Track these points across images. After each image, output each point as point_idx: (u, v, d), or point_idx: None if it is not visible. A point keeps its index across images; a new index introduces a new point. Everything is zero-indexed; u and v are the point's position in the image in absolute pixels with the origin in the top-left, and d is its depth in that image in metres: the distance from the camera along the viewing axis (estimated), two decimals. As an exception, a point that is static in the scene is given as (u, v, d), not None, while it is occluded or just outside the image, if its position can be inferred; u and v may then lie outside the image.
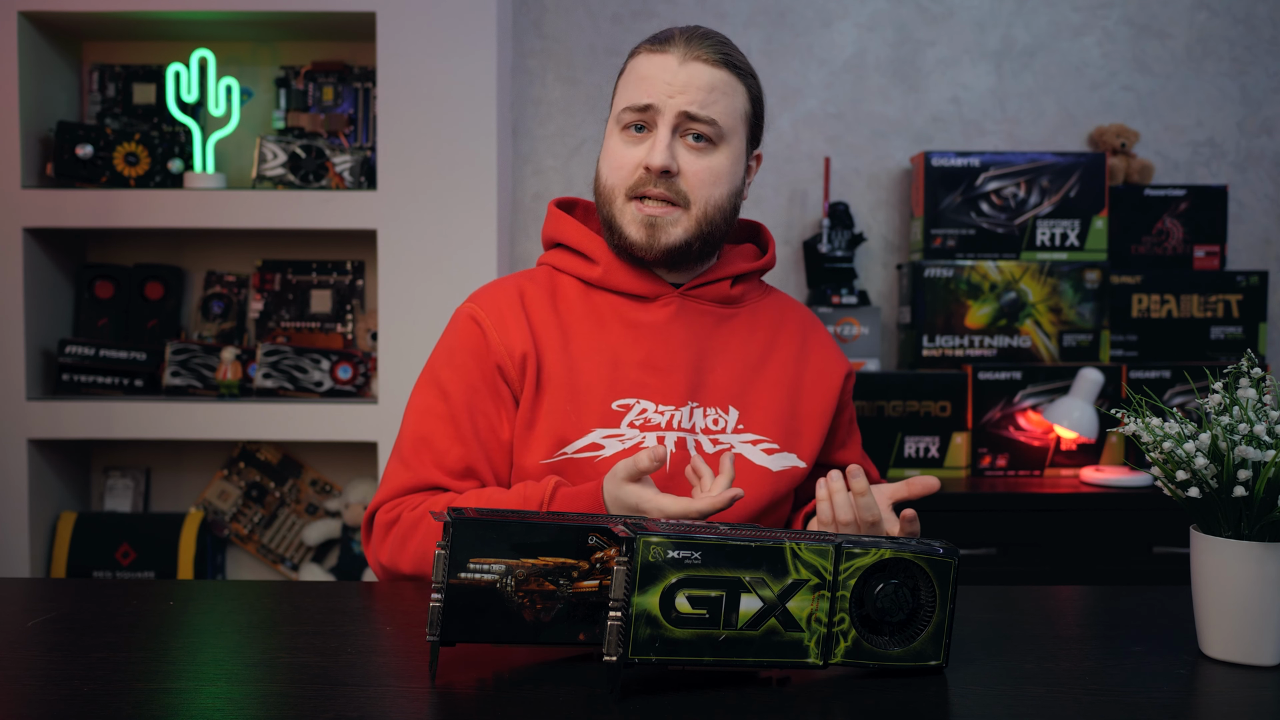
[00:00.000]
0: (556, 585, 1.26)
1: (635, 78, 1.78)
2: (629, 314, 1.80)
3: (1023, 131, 3.61)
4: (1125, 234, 3.43)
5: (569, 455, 1.72)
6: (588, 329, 1.79)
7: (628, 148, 1.77)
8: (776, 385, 1.83)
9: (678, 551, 1.18)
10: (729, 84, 1.77)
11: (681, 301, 1.82)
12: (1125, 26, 3.60)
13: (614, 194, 1.78)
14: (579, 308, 1.81)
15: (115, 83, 3.45)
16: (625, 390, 1.75)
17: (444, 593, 1.23)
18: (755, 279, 1.91)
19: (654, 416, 1.74)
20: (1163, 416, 1.36)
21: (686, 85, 1.74)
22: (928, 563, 1.27)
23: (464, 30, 3.14)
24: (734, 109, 1.79)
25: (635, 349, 1.78)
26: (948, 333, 3.30)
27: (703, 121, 1.74)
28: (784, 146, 3.60)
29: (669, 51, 1.76)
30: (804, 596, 1.23)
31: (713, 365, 1.80)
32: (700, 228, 1.77)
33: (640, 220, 1.75)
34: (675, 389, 1.76)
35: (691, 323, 1.81)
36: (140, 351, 3.31)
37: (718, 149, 1.77)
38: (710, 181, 1.76)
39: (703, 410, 1.77)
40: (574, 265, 1.85)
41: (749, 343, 1.84)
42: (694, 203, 1.75)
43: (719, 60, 1.76)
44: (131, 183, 3.27)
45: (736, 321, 1.85)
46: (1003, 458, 3.25)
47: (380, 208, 3.17)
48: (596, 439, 1.73)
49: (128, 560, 3.31)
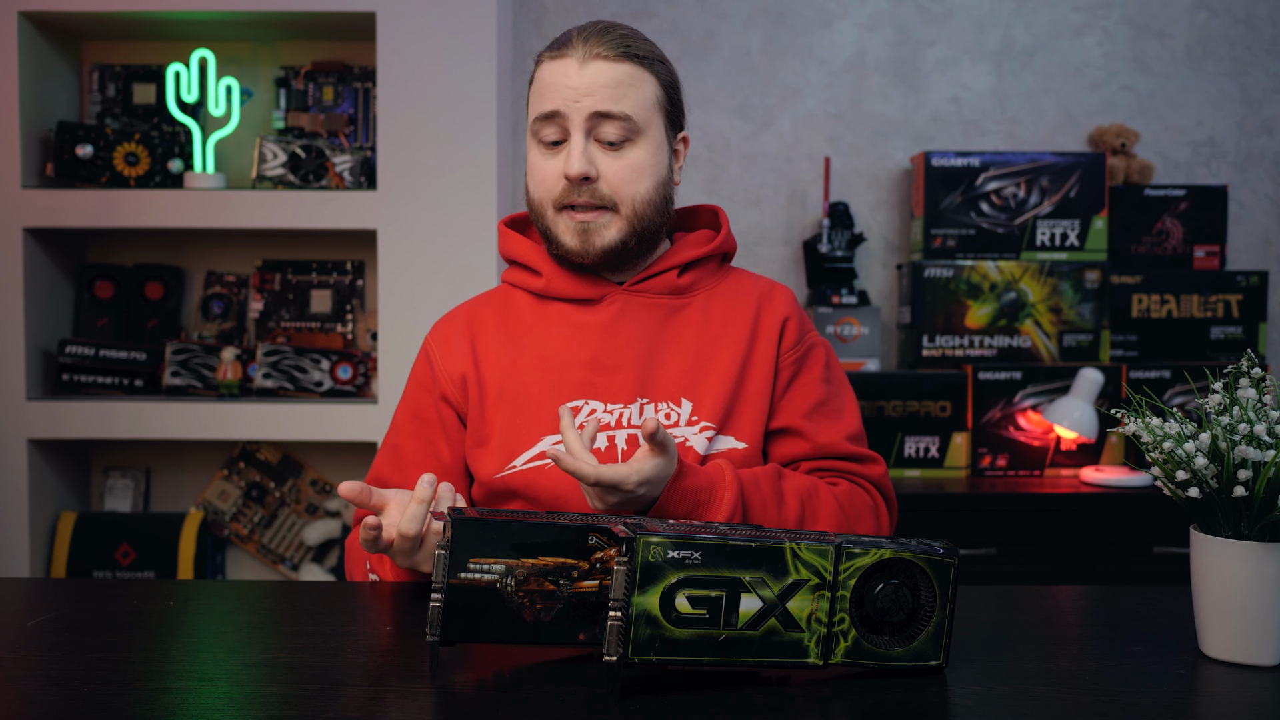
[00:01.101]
0: (556, 585, 1.26)
1: (540, 86, 1.76)
2: (575, 318, 1.80)
3: (1023, 131, 3.61)
4: (1125, 234, 3.43)
5: (518, 468, 1.73)
6: (536, 340, 1.80)
7: (546, 160, 1.76)
8: (727, 369, 1.78)
9: (678, 551, 1.18)
10: (635, 75, 1.74)
11: (626, 298, 1.80)
12: (1125, 26, 3.60)
13: (543, 207, 1.77)
14: (529, 320, 1.83)
15: (115, 83, 3.45)
16: (572, 393, 1.75)
17: (444, 592, 1.23)
18: (708, 264, 1.87)
19: (604, 416, 1.74)
20: (1163, 416, 1.36)
21: (591, 86, 1.71)
22: (928, 563, 1.27)
23: (464, 30, 3.14)
24: (644, 100, 1.75)
25: (581, 350, 1.77)
26: (948, 333, 3.30)
27: (615, 118, 1.72)
28: (784, 147, 3.60)
29: (568, 55, 1.73)
30: (804, 596, 1.23)
31: (663, 360, 1.78)
32: (632, 225, 1.76)
33: (573, 229, 1.75)
34: (624, 387, 1.75)
35: (638, 318, 1.80)
36: (140, 351, 3.31)
37: (635, 144, 1.74)
38: (633, 179, 1.74)
39: (654, 406, 1.75)
40: (523, 279, 1.86)
41: (703, 332, 1.81)
42: (621, 202, 1.74)
43: (621, 54, 1.73)
44: (131, 183, 3.27)
45: (688, 312, 1.82)
46: (1003, 458, 3.25)
47: (380, 208, 3.17)
48: (546, 445, 1.73)
49: (128, 560, 3.31)
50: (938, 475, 3.23)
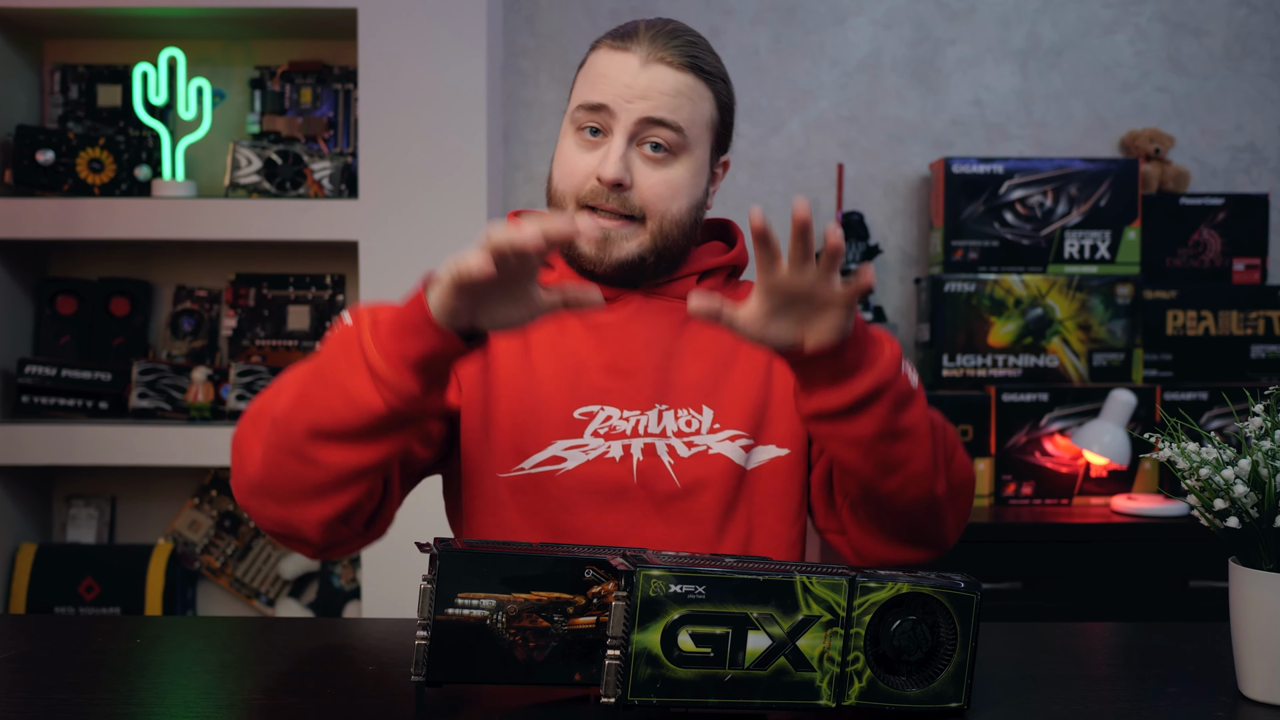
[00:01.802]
0: (551, 622, 1.27)
1: (593, 74, 1.75)
2: (590, 316, 1.78)
3: (1050, 136, 3.62)
4: (1159, 246, 3.44)
5: (526, 470, 1.72)
6: (548, 335, 1.78)
7: (581, 153, 1.75)
8: (749, 374, 1.78)
9: (680, 586, 1.19)
10: (694, 89, 1.74)
11: (643, 300, 1.79)
12: (1159, 23, 3.61)
13: (564, 201, 1.75)
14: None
15: (78, 84, 3.46)
16: (587, 397, 1.74)
17: (430, 630, 1.23)
18: (721, 274, 1.87)
19: (619, 423, 1.73)
20: (1199, 441, 1.37)
21: (648, 90, 1.71)
22: (948, 598, 1.27)
23: (452, 27, 3.15)
24: (698, 117, 1.75)
25: (599, 353, 1.76)
26: (969, 351, 3.31)
27: (666, 127, 1.71)
28: (794, 152, 3.61)
29: (631, 50, 1.72)
30: (815, 634, 1.23)
31: (681, 364, 1.77)
32: (656, 243, 1.74)
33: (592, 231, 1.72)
34: (640, 392, 1.75)
35: (656, 320, 1.79)
36: (105, 372, 3.31)
37: (677, 159, 1.73)
38: (668, 196, 1.73)
39: (673, 413, 1.75)
40: None
41: (720, 338, 1.79)
42: (650, 217, 1.73)
43: (685, 64, 1.73)
44: (96, 191, 3.28)
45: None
46: (1028, 485, 3.25)
47: (362, 218, 3.17)
48: (558, 451, 1.72)
49: (91, 595, 3.31)
50: (959, 504, 3.23)
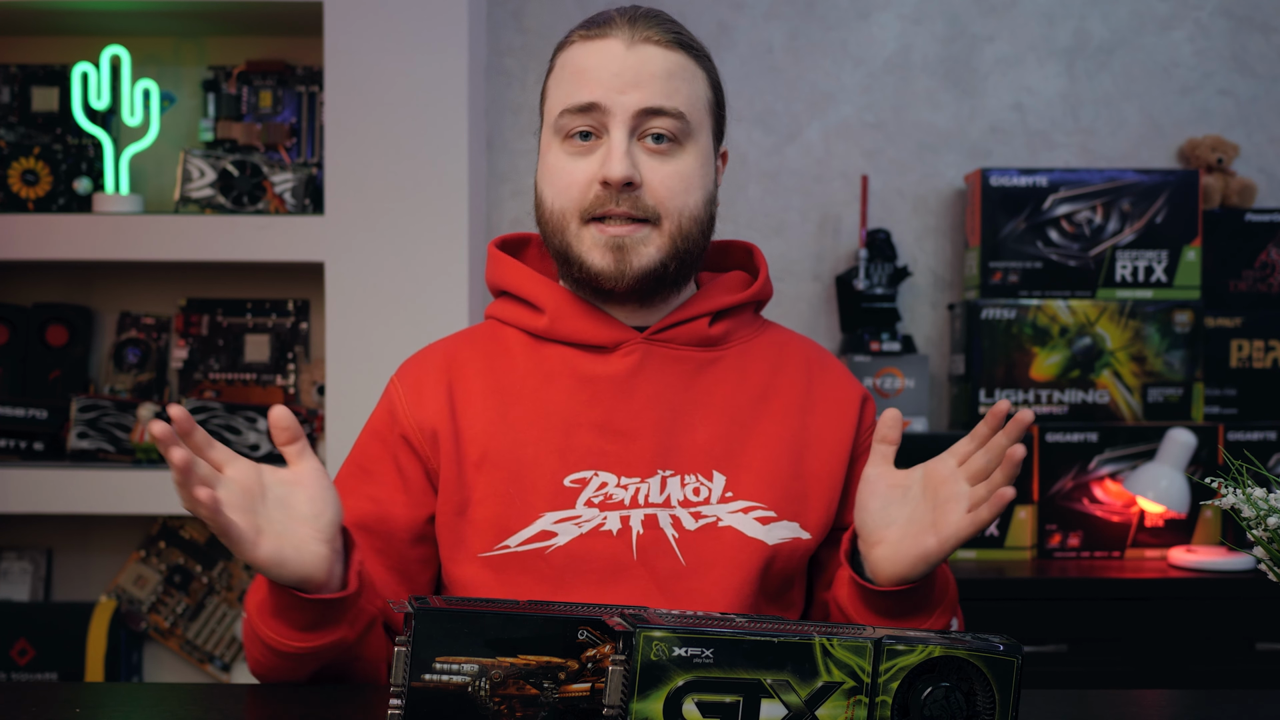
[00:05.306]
0: (540, 689, 1.27)
1: (572, 72, 1.73)
2: (583, 367, 1.76)
3: (1099, 144, 3.63)
4: (1222, 267, 3.45)
5: (512, 549, 1.70)
6: (532, 390, 1.76)
7: (574, 161, 1.72)
8: (774, 440, 1.76)
9: (685, 649, 1.19)
10: (687, 69, 1.73)
11: (647, 348, 1.77)
12: (1223, 18, 3.63)
13: (565, 220, 1.73)
14: (523, 366, 1.79)
15: (10, 85, 3.47)
16: (579, 462, 1.72)
17: (404, 698, 1.23)
18: (744, 313, 1.85)
19: (616, 492, 1.70)
20: (1267, 486, 1.37)
21: (639, 75, 1.69)
22: (985, 662, 1.27)
23: (429, 23, 3.16)
24: (696, 99, 1.74)
25: (590, 410, 1.74)
26: (1009, 386, 3.31)
27: (667, 115, 1.70)
28: (813, 163, 3.62)
29: (611, 35, 1.71)
30: (837, 703, 1.23)
31: (690, 423, 1.75)
32: (675, 245, 1.72)
33: (605, 243, 1.71)
34: (642, 456, 1.72)
35: (661, 372, 1.76)
36: (40, 409, 3.32)
37: (684, 149, 1.73)
38: (682, 190, 1.72)
39: (679, 479, 1.72)
40: (518, 315, 1.82)
41: (738, 392, 1.78)
42: (665, 216, 1.71)
43: (673, 41, 1.72)
44: (30, 206, 3.29)
45: (721, 366, 1.80)
46: (1075, 536, 3.25)
47: (328, 236, 3.17)
48: (547, 525, 1.69)
49: (25, 659, 3.30)
50: (997, 557, 3.23)
